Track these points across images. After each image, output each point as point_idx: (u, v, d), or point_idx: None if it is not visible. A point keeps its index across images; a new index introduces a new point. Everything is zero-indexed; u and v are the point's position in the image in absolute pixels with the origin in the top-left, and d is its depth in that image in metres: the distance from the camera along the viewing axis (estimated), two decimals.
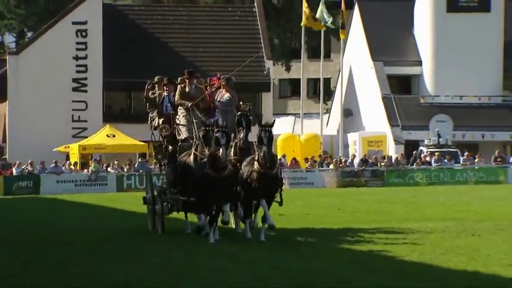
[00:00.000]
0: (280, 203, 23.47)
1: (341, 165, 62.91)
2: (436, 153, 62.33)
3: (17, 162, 63.67)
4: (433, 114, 67.07)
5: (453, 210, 33.78)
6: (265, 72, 72.64)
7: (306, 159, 64.88)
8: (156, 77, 26.02)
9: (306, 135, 69.44)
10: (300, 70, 74.81)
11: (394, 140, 67.76)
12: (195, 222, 25.30)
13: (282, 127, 72.94)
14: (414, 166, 62.60)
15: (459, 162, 64.18)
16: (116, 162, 63.52)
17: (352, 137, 69.64)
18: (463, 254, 21.36)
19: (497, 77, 72.43)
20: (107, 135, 66.62)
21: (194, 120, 24.16)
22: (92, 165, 62.64)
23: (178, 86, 24.46)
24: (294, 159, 64.89)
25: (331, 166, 63.29)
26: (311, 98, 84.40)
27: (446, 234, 26.01)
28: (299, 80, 76.54)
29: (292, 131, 74.86)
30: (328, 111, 79.57)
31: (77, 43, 71.01)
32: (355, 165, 63.49)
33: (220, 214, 23.93)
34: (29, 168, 62.60)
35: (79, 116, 70.64)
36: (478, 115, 70.79)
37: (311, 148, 66.61)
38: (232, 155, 24.62)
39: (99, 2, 72.77)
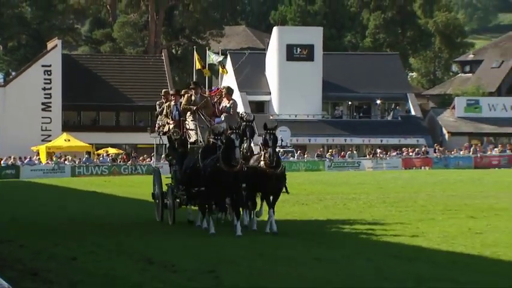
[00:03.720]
0: (287, 192, 18.79)
1: None
2: (280, 151, 63.18)
3: (4, 157, 63.82)
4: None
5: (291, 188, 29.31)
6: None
7: None
8: (163, 90, 22.28)
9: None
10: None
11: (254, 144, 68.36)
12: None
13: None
14: None
15: (294, 157, 64.37)
16: (70, 157, 63.39)
17: None
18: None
19: (319, 102, 72.72)
20: (64, 140, 66.40)
21: (200, 125, 19.42)
22: (54, 160, 62.84)
23: (186, 95, 20.00)
24: None
25: None
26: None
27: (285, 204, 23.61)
28: None
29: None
30: None
31: (44, 79, 70.96)
32: None
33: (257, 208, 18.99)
34: (12, 161, 62.74)
35: (46, 127, 70.61)
36: (306, 126, 70.96)
37: None
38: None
39: (59, 52, 72.31)
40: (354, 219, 20.47)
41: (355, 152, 68.67)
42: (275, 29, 76.09)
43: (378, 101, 75.19)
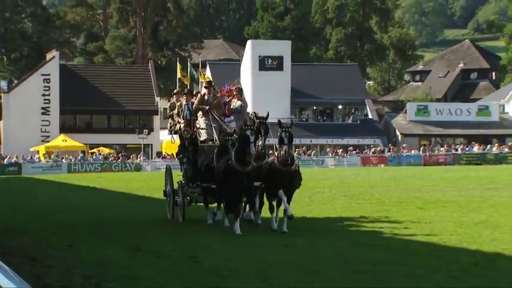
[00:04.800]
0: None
1: None
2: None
3: (8, 155, 63.79)
4: None
5: None
6: (155, 103, 72.61)
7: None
8: (176, 89, 20.72)
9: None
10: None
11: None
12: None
13: (166, 135, 74.21)
14: None
15: None
16: (66, 156, 63.29)
17: None
18: None
19: (287, 107, 71.36)
20: (61, 140, 66.23)
21: (213, 125, 17.43)
22: (53, 158, 62.73)
23: (199, 94, 18.22)
24: (172, 154, 64.23)
25: None
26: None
27: None
28: None
29: (171, 137, 75.68)
30: None
31: (44, 86, 70.15)
32: None
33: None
34: (15, 159, 62.47)
35: (45, 129, 69.64)
36: (277, 129, 69.19)
37: None
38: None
39: (57, 63, 71.55)
40: (319, 211, 20.32)
41: (319, 151, 68.87)
42: (249, 42, 76.10)
43: (340, 106, 75.46)
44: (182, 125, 17.99)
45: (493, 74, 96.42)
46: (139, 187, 34.28)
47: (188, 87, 22.44)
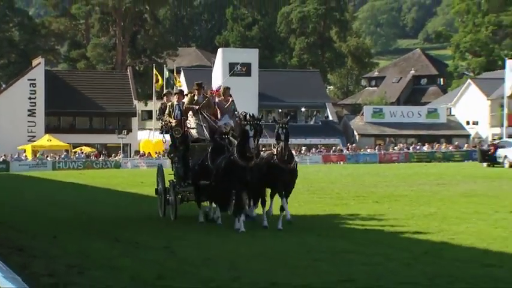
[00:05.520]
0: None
1: None
2: None
3: None
4: None
5: None
6: (133, 106, 72.29)
7: (156, 153, 63.03)
8: (166, 90, 19.57)
9: (156, 140, 69.98)
10: (153, 105, 75.53)
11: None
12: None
13: (143, 135, 74.27)
14: None
15: None
16: (51, 154, 62.67)
17: None
18: None
19: (255, 110, 62.69)
20: (47, 140, 65.60)
21: (203, 124, 16.33)
22: (38, 156, 62.14)
23: (189, 95, 17.07)
24: (149, 153, 64.11)
25: None
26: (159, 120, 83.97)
27: None
28: (151, 111, 77.49)
29: (148, 137, 75.58)
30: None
31: (30, 90, 69.35)
32: None
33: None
34: (3, 157, 61.60)
35: (31, 130, 68.79)
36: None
37: (159, 147, 67.30)
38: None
39: (42, 69, 70.84)
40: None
41: None
42: (220, 50, 75.92)
43: (303, 109, 75.62)
44: (173, 125, 17.00)
45: (441, 80, 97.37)
46: (119, 183, 34.07)
47: (164, 91, 22.16)
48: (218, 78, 72.90)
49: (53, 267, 10.40)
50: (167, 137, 17.90)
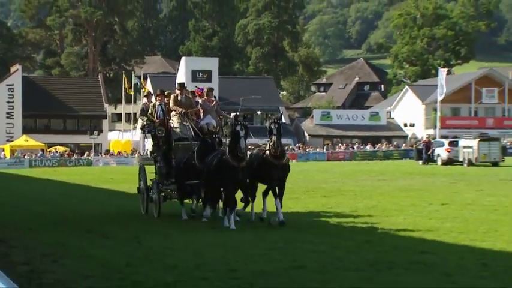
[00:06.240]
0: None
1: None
2: None
3: None
4: None
5: None
6: (104, 109, 70.87)
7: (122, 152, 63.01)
8: (147, 91, 17.98)
9: (125, 140, 70.47)
10: (122, 108, 75.26)
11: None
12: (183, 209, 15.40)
13: (113, 135, 73.88)
14: None
15: None
16: (28, 153, 61.18)
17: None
18: None
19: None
20: (24, 140, 64.09)
21: (186, 124, 15.29)
22: (16, 155, 60.95)
23: (172, 95, 15.84)
24: (119, 152, 63.72)
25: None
26: (127, 122, 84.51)
27: None
28: (121, 113, 77.23)
29: (118, 137, 75.15)
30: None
31: (8, 95, 67.87)
32: None
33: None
34: None
35: (10, 130, 67.39)
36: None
37: (127, 147, 67.37)
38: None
39: (20, 75, 69.55)
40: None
41: None
42: (183, 59, 75.47)
43: (258, 112, 75.42)
44: (156, 125, 15.91)
45: (382, 86, 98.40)
46: (90, 179, 33.86)
47: (132, 96, 21.90)
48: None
49: (30, 256, 10.38)
50: (149, 136, 16.94)
